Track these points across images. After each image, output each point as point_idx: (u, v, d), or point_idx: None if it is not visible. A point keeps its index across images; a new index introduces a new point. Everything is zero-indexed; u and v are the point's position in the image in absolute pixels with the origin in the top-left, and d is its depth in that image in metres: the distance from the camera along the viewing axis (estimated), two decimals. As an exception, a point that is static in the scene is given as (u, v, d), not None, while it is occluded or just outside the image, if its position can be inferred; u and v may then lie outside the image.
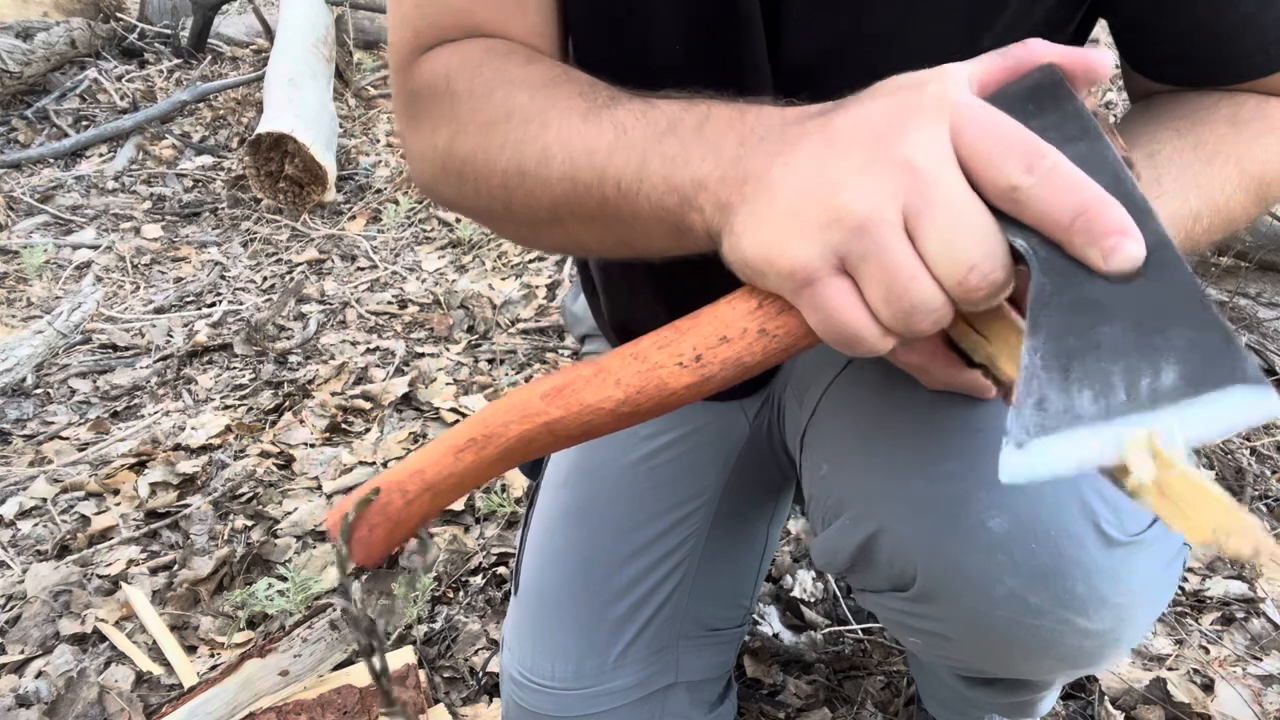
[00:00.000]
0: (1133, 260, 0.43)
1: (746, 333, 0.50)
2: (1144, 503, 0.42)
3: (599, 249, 0.64)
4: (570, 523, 1.05)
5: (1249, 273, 2.19)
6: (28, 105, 3.79)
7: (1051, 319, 0.44)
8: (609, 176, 0.55)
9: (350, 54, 4.02)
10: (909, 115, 0.46)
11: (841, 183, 0.45)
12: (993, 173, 0.44)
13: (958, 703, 1.04)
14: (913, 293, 0.45)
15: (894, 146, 0.45)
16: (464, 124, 0.64)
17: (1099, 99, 3.10)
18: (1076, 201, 0.43)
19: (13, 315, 2.50)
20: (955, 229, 0.44)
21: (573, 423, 0.53)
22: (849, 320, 0.46)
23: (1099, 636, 0.65)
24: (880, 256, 0.44)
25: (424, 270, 2.70)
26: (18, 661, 1.38)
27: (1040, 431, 0.42)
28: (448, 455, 0.54)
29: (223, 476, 1.79)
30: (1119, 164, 0.46)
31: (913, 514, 0.66)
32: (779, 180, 0.48)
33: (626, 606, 1.00)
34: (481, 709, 1.26)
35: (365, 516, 0.55)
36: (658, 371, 0.51)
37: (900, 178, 0.44)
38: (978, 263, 0.44)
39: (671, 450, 1.02)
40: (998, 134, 0.44)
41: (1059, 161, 0.44)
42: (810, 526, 0.82)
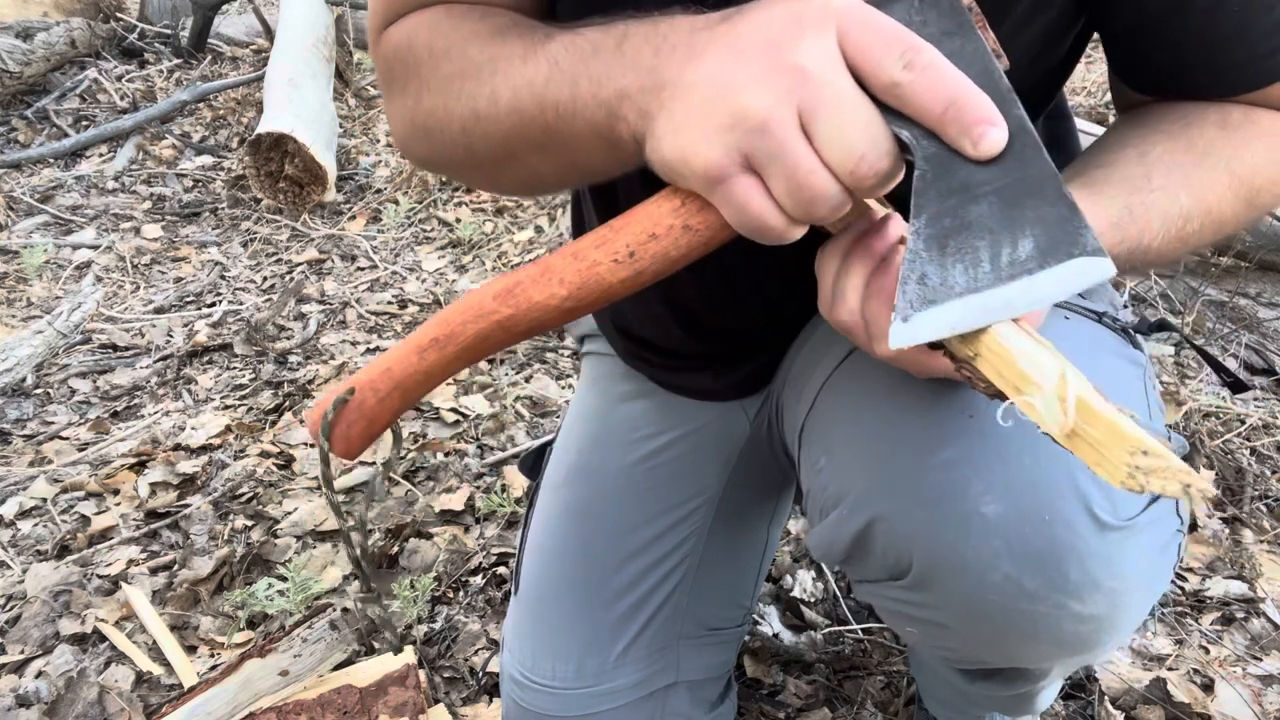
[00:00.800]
0: (996, 145, 0.48)
1: (672, 229, 0.56)
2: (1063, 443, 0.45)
3: (554, 177, 0.69)
4: (570, 522, 1.05)
5: (1249, 273, 2.19)
6: (28, 105, 3.79)
7: (930, 203, 0.49)
8: (548, 104, 0.60)
9: (350, 54, 4.02)
10: (800, 21, 0.50)
11: (743, 87, 0.50)
12: (875, 71, 0.48)
13: (958, 700, 1.04)
14: (812, 184, 0.50)
15: (787, 52, 0.49)
16: (426, 81, 0.70)
17: (1100, 98, 3.10)
18: (948, 94, 0.48)
19: (13, 315, 2.50)
20: (844, 124, 0.49)
21: (522, 319, 0.58)
22: (758, 212, 0.52)
23: (1093, 621, 0.65)
24: (780, 153, 0.49)
25: (424, 270, 2.70)
26: (18, 661, 1.38)
27: (921, 304, 0.48)
28: (412, 354, 0.60)
29: (223, 476, 1.79)
30: (989, 57, 0.50)
31: (908, 502, 0.66)
32: (690, 84, 0.52)
33: (627, 606, 1.00)
34: (481, 709, 1.26)
35: (343, 415, 0.61)
36: (596, 269, 0.57)
37: (793, 81, 0.49)
38: (865, 152, 0.49)
39: (672, 450, 1.02)
40: (879, 35, 0.49)
41: (934, 58, 0.48)
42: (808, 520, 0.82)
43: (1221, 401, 1.75)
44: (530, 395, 2.01)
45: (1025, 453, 0.63)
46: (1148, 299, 2.12)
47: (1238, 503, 1.55)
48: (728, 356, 0.97)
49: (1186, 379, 1.84)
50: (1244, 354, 1.94)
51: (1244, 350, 1.95)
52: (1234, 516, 1.53)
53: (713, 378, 0.98)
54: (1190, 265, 2.20)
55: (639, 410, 1.04)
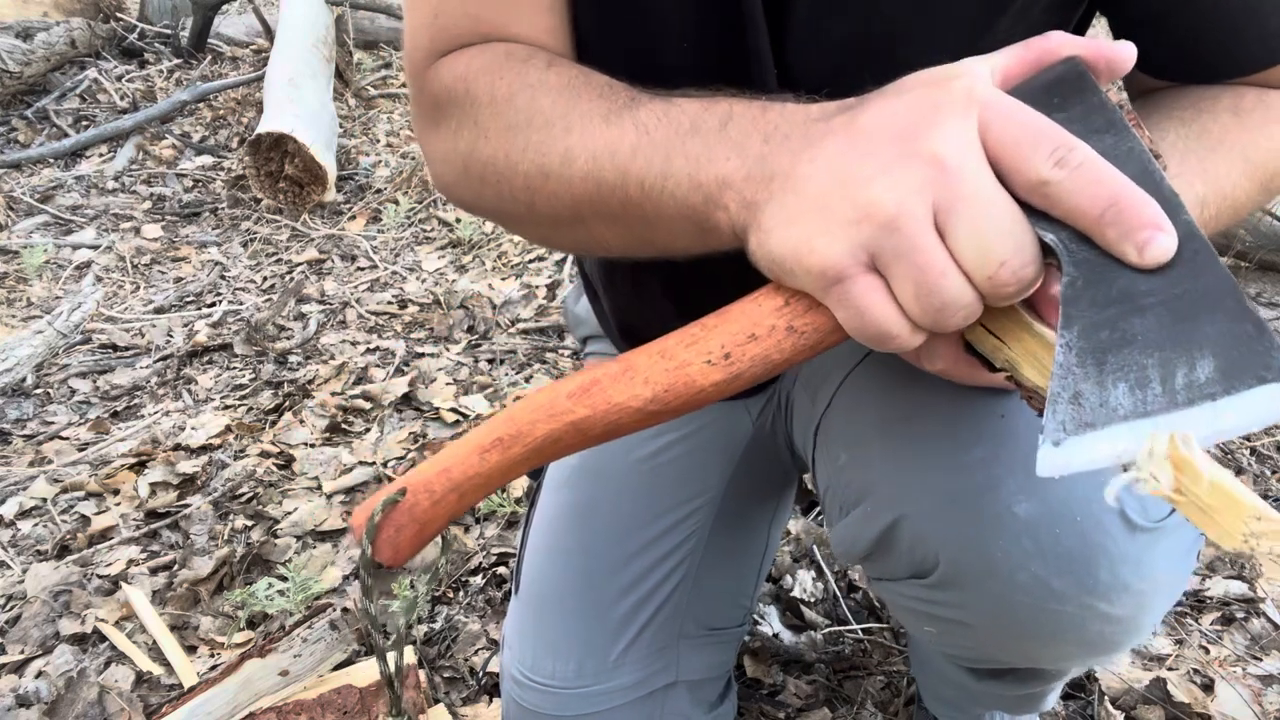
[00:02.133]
0: (1166, 253, 0.43)
1: (775, 330, 0.50)
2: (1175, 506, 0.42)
3: (621, 248, 0.65)
4: (572, 522, 1.05)
5: (1249, 273, 2.19)
6: (28, 105, 3.79)
7: (1085, 313, 0.44)
8: (632, 177, 0.56)
9: (350, 54, 4.02)
10: (936, 110, 0.46)
11: (870, 179, 0.45)
12: (1022, 167, 0.44)
13: (961, 699, 1.03)
14: (944, 290, 0.45)
15: (922, 141, 0.45)
16: (485, 128, 0.65)
17: (1099, 99, 3.10)
18: (1107, 195, 0.43)
19: (13, 315, 2.50)
20: (985, 225, 0.44)
21: (599, 421, 0.53)
22: (879, 317, 0.47)
23: (1119, 622, 0.65)
24: (911, 253, 0.44)
25: (424, 270, 2.70)
26: (18, 661, 1.38)
27: (1077, 428, 0.42)
28: (474, 455, 0.55)
29: (223, 476, 1.79)
30: (1147, 156, 0.46)
31: (937, 501, 0.66)
32: (806, 177, 0.48)
33: (628, 606, 1.00)
34: (481, 709, 1.26)
35: (392, 517, 0.55)
36: (686, 370, 0.52)
37: (929, 173, 0.44)
38: (1008, 259, 0.44)
39: (674, 450, 1.02)
40: (1026, 128, 0.44)
41: (1088, 155, 0.44)
42: (826, 516, 0.82)
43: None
44: (530, 395, 2.01)
45: None
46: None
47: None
48: None
49: (1186, 379, 1.84)
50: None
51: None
52: (1234, 516, 1.53)
53: None
54: None
55: None
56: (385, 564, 0.56)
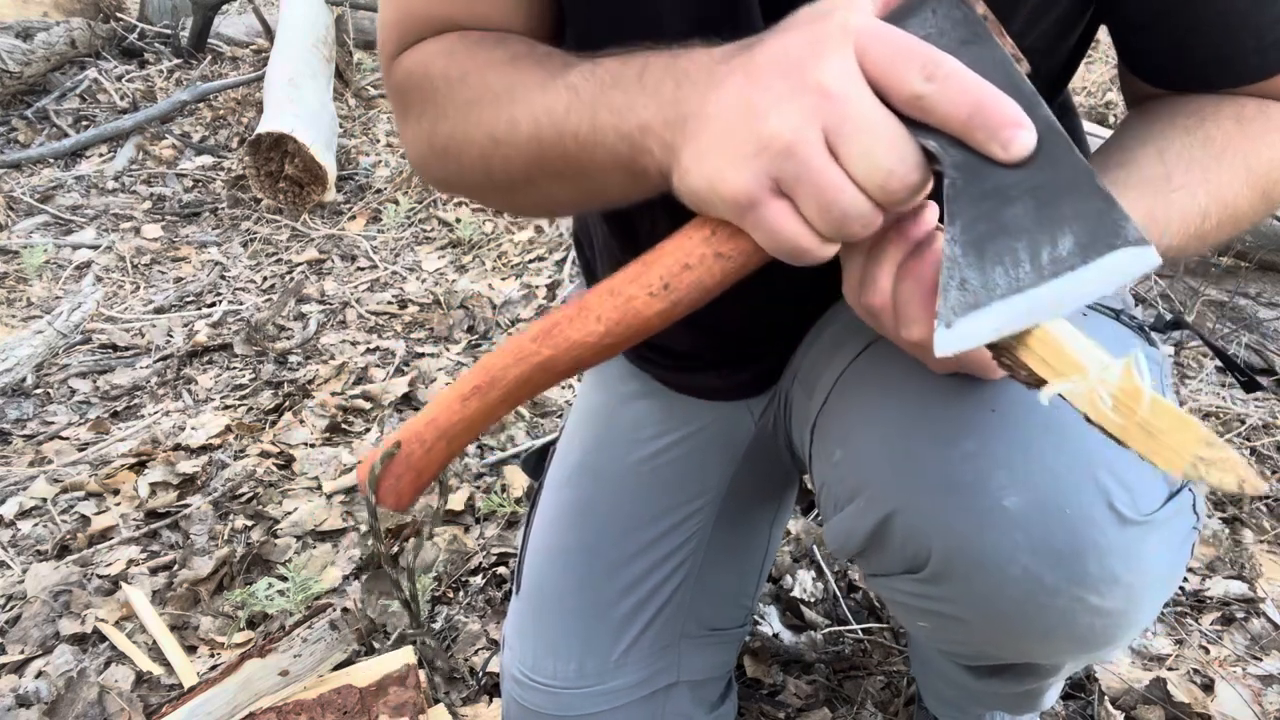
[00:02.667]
0: (1026, 147, 0.48)
1: (705, 257, 0.56)
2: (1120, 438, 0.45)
3: (572, 203, 0.70)
4: (573, 522, 1.05)
5: (1249, 273, 2.19)
6: (28, 105, 3.79)
7: (964, 209, 0.49)
8: (567, 133, 0.60)
9: (350, 54, 4.02)
10: (819, 43, 0.50)
11: (766, 111, 0.50)
12: (897, 85, 0.48)
13: (961, 698, 1.03)
14: (843, 203, 0.50)
15: (808, 73, 0.49)
16: (443, 107, 0.70)
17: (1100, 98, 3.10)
18: (972, 100, 0.47)
19: (13, 315, 2.50)
20: (871, 141, 0.49)
21: (563, 359, 0.59)
22: (790, 235, 0.52)
23: (1111, 616, 0.65)
24: (809, 175, 0.49)
25: (424, 270, 2.70)
26: (18, 661, 1.38)
27: (964, 309, 0.47)
28: (456, 403, 0.61)
29: (223, 476, 1.79)
30: (1008, 61, 0.50)
31: (928, 494, 0.66)
32: (712, 115, 0.53)
33: (629, 606, 1.00)
34: (481, 709, 1.26)
35: (391, 468, 0.62)
36: (632, 303, 0.57)
37: (816, 102, 0.49)
38: (894, 167, 0.49)
39: (676, 450, 1.02)
40: (898, 49, 0.49)
41: (954, 67, 0.48)
42: (821, 513, 0.82)
43: (1222, 401, 1.75)
44: (530, 395, 2.01)
45: (1047, 446, 0.63)
46: (1148, 299, 2.12)
47: (1238, 503, 1.55)
48: (735, 356, 0.97)
49: (1187, 379, 1.84)
50: (1244, 354, 1.94)
51: (1244, 350, 1.95)
52: (1234, 516, 1.53)
53: (719, 377, 0.98)
54: (1190, 265, 2.20)
55: (644, 410, 1.04)
56: (392, 509, 0.62)
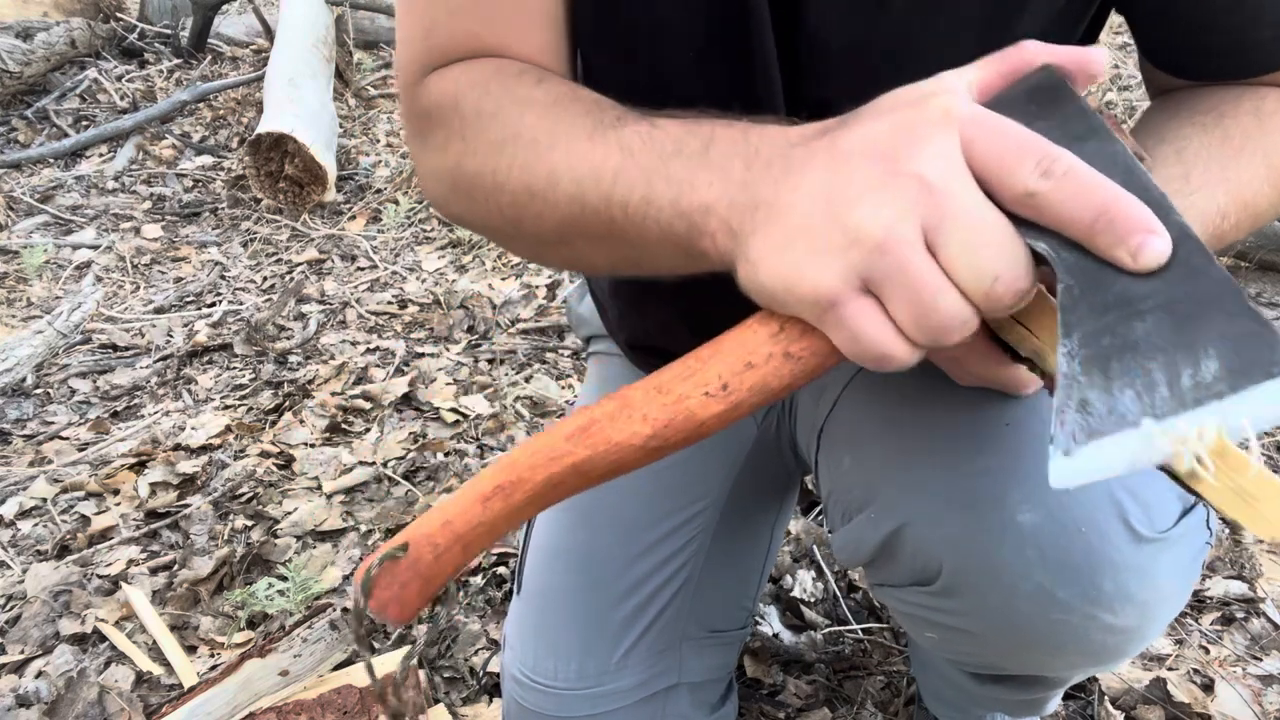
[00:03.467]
0: (1160, 256, 0.43)
1: (771, 357, 0.50)
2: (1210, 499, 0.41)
3: (608, 267, 0.64)
4: (575, 523, 1.04)
5: (1249, 273, 2.19)
6: (28, 105, 3.79)
7: (1084, 320, 0.43)
8: (616, 200, 0.55)
9: (350, 54, 4.02)
10: (917, 129, 0.45)
11: (856, 202, 0.45)
12: (1008, 180, 0.44)
13: (962, 701, 1.03)
14: (940, 309, 0.45)
15: (906, 162, 0.45)
16: (472, 143, 0.64)
17: (1099, 97, 3.10)
18: (1096, 202, 0.43)
19: (13, 315, 2.50)
20: (976, 240, 0.44)
21: (600, 461, 0.53)
22: (877, 340, 0.46)
23: (1123, 633, 0.65)
24: (904, 275, 0.44)
25: (424, 270, 2.70)
26: (18, 661, 1.38)
27: (1087, 437, 0.42)
28: (475, 504, 0.54)
29: (223, 476, 1.79)
30: (1131, 159, 0.45)
31: (942, 507, 0.66)
32: (790, 204, 0.48)
33: (630, 607, 1.00)
34: (481, 709, 1.26)
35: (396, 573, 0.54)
36: (685, 403, 0.51)
37: (915, 193, 0.44)
38: (1001, 273, 0.44)
39: (679, 452, 1.02)
40: (1008, 141, 0.44)
41: (1073, 163, 0.44)
42: (828, 521, 0.82)
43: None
44: (530, 395, 2.01)
45: None
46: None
47: None
48: None
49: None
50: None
51: (1244, 350, 1.95)
52: (1234, 517, 1.53)
53: None
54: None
55: None
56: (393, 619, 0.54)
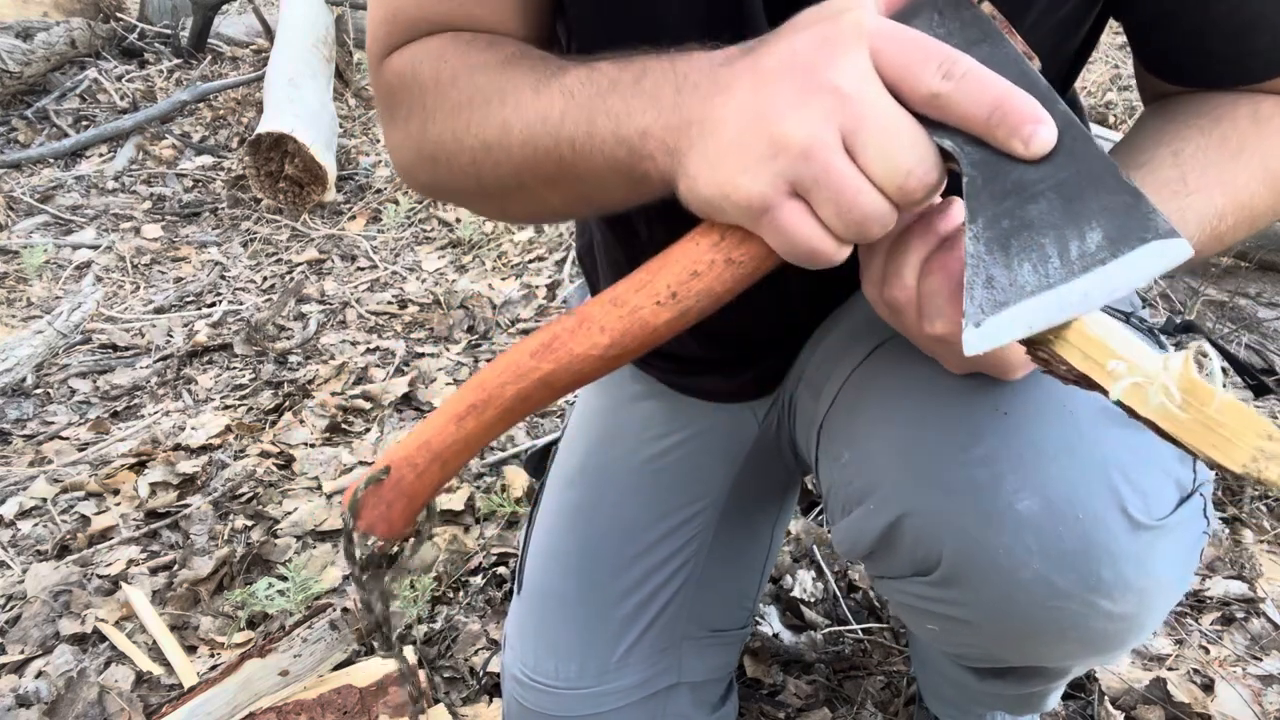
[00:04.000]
0: (1047, 143, 0.47)
1: (715, 264, 0.55)
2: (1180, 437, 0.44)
3: (565, 209, 0.68)
4: (575, 522, 1.04)
5: (1249, 273, 2.19)
6: (28, 105, 3.79)
7: (986, 206, 0.49)
8: (563, 139, 0.59)
9: (350, 54, 4.02)
10: (831, 43, 0.50)
11: (780, 114, 0.49)
12: (913, 84, 0.48)
13: (962, 698, 1.03)
14: (861, 204, 0.49)
15: (823, 74, 0.49)
16: (432, 110, 0.68)
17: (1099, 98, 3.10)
18: (991, 98, 0.47)
19: (13, 315, 2.50)
20: (888, 141, 0.48)
21: (564, 373, 0.57)
22: (807, 238, 0.51)
23: (1122, 620, 0.65)
24: (827, 177, 0.49)
25: (424, 270, 2.70)
26: (18, 661, 1.38)
27: (993, 308, 0.47)
28: (450, 424, 0.58)
29: (223, 476, 1.79)
30: (1021, 59, 0.50)
31: (939, 497, 0.66)
32: (721, 120, 0.52)
33: (631, 607, 1.00)
34: (481, 709, 1.26)
35: (380, 493, 0.58)
36: (639, 313, 0.55)
37: (832, 102, 0.48)
38: (913, 168, 0.49)
39: (679, 451, 1.02)
40: (913, 48, 0.48)
41: (971, 65, 0.48)
42: (829, 515, 0.82)
43: (1221, 402, 1.75)
44: (530, 395, 2.01)
45: (1060, 450, 0.63)
46: (1147, 299, 2.12)
47: (1238, 503, 1.55)
48: (739, 359, 0.97)
49: (1186, 379, 1.84)
50: (1244, 354, 1.94)
51: (1244, 350, 1.95)
52: (1234, 516, 1.53)
53: (723, 380, 0.98)
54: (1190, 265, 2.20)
55: (647, 411, 1.04)
56: (381, 536, 0.59)
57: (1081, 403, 0.63)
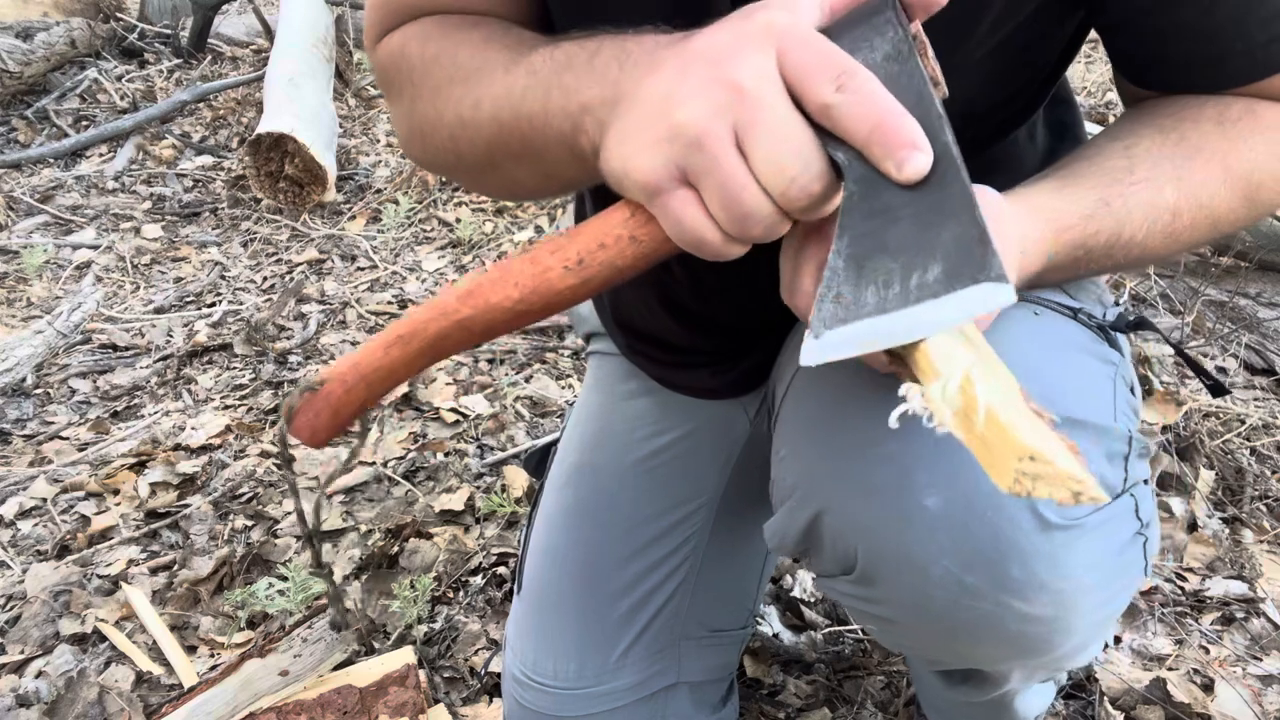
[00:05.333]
0: (919, 170, 0.48)
1: (619, 239, 0.57)
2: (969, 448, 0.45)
3: (534, 186, 0.70)
4: (573, 522, 1.05)
5: (1249, 273, 2.19)
6: (28, 105, 3.79)
7: (855, 223, 0.49)
8: (523, 114, 0.61)
9: (350, 54, 4.02)
10: (740, 40, 0.50)
11: (681, 101, 0.50)
12: (810, 92, 0.48)
13: (947, 706, 1.03)
14: (744, 202, 0.50)
15: (727, 68, 0.49)
16: (419, 87, 0.72)
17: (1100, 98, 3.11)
18: (874, 117, 0.47)
19: (13, 315, 2.50)
20: (776, 145, 0.49)
21: (479, 320, 0.60)
22: (693, 227, 0.52)
23: (1041, 622, 0.64)
24: (715, 170, 0.49)
25: (424, 270, 2.70)
26: (18, 661, 1.38)
27: (834, 323, 0.48)
28: (378, 350, 0.62)
29: (223, 476, 1.79)
30: (924, 83, 0.50)
31: (852, 494, 0.65)
32: (638, 99, 0.53)
33: (629, 606, 1.00)
34: (481, 709, 1.26)
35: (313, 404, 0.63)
36: (547, 275, 0.58)
37: (729, 98, 0.49)
38: (797, 175, 0.49)
39: (673, 450, 1.02)
40: (815, 56, 0.49)
41: (864, 81, 0.48)
42: None
43: (1222, 401, 1.75)
44: (530, 395, 2.01)
45: None
46: (1147, 299, 2.12)
47: (1238, 503, 1.55)
48: (725, 352, 0.97)
49: (1187, 379, 1.84)
50: (1244, 354, 1.94)
51: (1244, 350, 1.95)
52: (1234, 516, 1.53)
53: (711, 375, 0.98)
54: (1190, 265, 2.20)
55: (641, 408, 1.04)
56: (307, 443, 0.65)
57: None
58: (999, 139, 0.80)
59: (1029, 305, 0.73)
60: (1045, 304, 0.75)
